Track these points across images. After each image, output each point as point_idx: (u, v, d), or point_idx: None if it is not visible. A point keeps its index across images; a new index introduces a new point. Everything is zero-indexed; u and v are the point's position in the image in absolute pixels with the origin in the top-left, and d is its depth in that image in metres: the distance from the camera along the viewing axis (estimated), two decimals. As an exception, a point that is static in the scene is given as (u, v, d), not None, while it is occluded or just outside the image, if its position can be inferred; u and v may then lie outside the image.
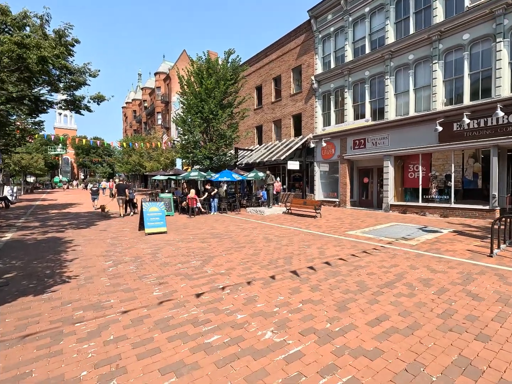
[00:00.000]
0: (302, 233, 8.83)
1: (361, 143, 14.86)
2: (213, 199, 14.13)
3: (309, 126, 17.83)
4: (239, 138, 18.49)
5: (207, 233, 8.73)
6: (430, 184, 12.51)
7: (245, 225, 10.39)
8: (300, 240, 7.76)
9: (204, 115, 16.69)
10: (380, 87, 14.22)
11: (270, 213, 13.52)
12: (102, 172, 61.00)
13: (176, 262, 5.57)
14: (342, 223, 10.58)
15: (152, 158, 27.34)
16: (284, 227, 9.91)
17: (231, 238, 8.01)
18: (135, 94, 56.70)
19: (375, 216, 12.48)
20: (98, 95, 10.41)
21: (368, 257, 5.97)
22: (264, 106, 21.71)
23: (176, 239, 7.83)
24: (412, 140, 12.75)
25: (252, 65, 22.77)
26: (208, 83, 16.31)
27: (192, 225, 10.52)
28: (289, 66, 19.28)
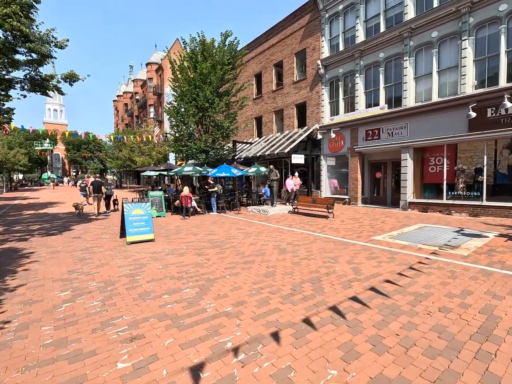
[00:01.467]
0: (318, 239, 7.30)
1: (375, 133, 13.33)
2: (213, 197, 12.52)
3: (315, 116, 16.23)
4: (238, 130, 16.85)
5: (204, 241, 7.14)
6: (456, 179, 11.05)
7: (248, 228, 8.83)
8: (320, 249, 6.22)
9: (199, 103, 14.97)
10: (397, 71, 12.65)
11: (274, 212, 11.97)
12: (93, 168, 58.75)
13: (162, 290, 3.98)
14: (361, 225, 9.07)
15: (144, 152, 25.52)
16: (295, 231, 8.37)
17: (234, 247, 6.43)
18: (126, 86, 54.40)
19: (394, 215, 11.01)
20: (70, 74, 8.62)
21: (420, 276, 4.46)
22: (264, 95, 20.02)
23: (165, 250, 6.23)
24: (435, 129, 11.25)
25: (251, 51, 21.00)
26: (203, 68, 14.57)
27: (186, 228, 8.92)
28: (292, 51, 17.59)
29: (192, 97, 15.15)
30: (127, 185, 36.85)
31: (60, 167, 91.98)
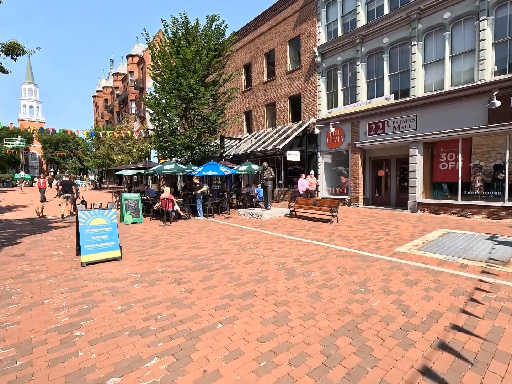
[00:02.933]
0: (330, 251, 5.86)
1: (379, 127, 12.07)
2: (199, 199, 10.90)
3: (311, 109, 14.85)
4: (226, 124, 15.27)
5: (187, 257, 5.56)
6: (472, 177, 9.92)
7: (241, 238, 7.30)
8: (338, 269, 4.77)
9: (182, 93, 13.29)
10: (404, 57, 11.42)
11: (269, 216, 10.49)
12: (71, 167, 55.47)
13: (108, 366, 2.38)
14: (374, 231, 7.73)
15: (123, 150, 23.45)
16: (298, 240, 6.91)
17: (226, 268, 4.89)
18: (106, 81, 51.55)
19: (405, 218, 9.76)
20: (11, 44, 6.78)
21: (498, 316, 3.07)
22: (254, 87, 18.49)
23: (132, 274, 4.61)
24: (448, 121, 10.08)
25: (239, 40, 19.41)
26: (186, 53, 12.89)
27: (165, 239, 7.28)
28: (285, 38, 16.14)
29: (175, 86, 13.44)
30: (107, 186, 34.44)
31: (37, 167, 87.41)
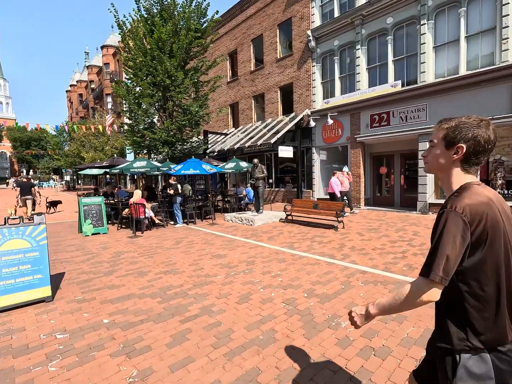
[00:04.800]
0: (351, 275, 4.33)
1: (383, 118, 10.72)
2: (175, 203, 9.16)
3: (304, 100, 13.37)
4: (210, 117, 13.55)
5: (153, 294, 3.87)
6: (493, 174, 8.73)
7: (230, 255, 5.66)
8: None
9: (157, 79, 11.45)
10: (411, 39, 10.11)
11: (262, 222, 8.91)
12: (43, 167, 51.66)
13: None
14: (392, 241, 6.30)
15: (96, 147, 21.17)
16: (303, 256, 5.36)
17: (210, 315, 3.23)
18: (81, 75, 48.23)
19: (418, 222, 8.44)
20: None
21: None
22: (241, 77, 16.82)
23: (56, 336, 2.86)
24: (464, 110, 8.80)
25: (223, 25, 17.68)
26: (161, 32, 11.08)
27: (129, 259, 5.53)
28: (274, 21, 14.56)
29: (149, 71, 11.59)
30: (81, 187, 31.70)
31: (8, 167, 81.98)
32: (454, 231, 0.99)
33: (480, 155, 1.08)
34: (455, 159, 1.11)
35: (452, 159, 1.12)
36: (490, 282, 1.03)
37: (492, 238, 1.01)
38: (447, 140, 1.12)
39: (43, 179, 55.45)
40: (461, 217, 0.99)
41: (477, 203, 1.02)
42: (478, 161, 1.10)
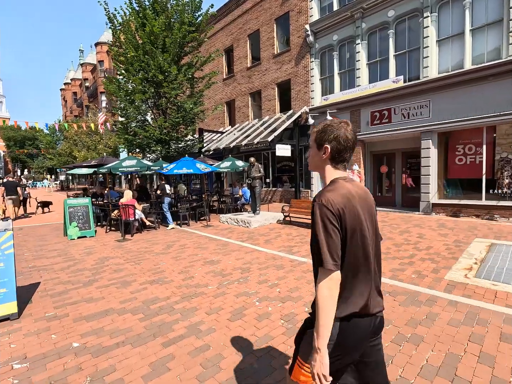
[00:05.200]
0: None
1: (384, 115, 10.34)
2: (164, 203, 8.73)
3: (302, 97, 12.96)
4: (205, 115, 13.09)
5: (135, 308, 3.44)
6: (499, 173, 8.37)
7: (224, 261, 5.24)
8: (390, 330, 2.84)
9: (149, 74, 10.98)
10: (413, 33, 9.74)
11: (259, 224, 8.49)
12: (37, 167, 50.85)
13: None
14: (397, 245, 5.92)
15: (88, 146, 20.61)
16: (303, 262, 4.95)
17: (197, 336, 2.81)
18: (75, 73, 47.46)
19: (422, 223, 8.07)
20: None
21: None
22: (237, 74, 16.37)
23: (13, 366, 2.44)
24: (469, 107, 8.48)
25: (219, 21, 17.22)
26: (153, 25, 10.61)
27: (114, 266, 5.09)
28: (271, 16, 14.13)
29: (141, 66, 11.11)
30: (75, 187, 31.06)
31: (2, 167, 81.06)
32: (324, 220, 1.12)
33: (342, 153, 1.24)
34: (325, 158, 1.27)
35: (323, 158, 1.28)
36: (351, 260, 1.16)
37: (352, 227, 1.15)
38: (317, 142, 1.29)
39: (37, 178, 54.63)
40: (327, 207, 1.13)
41: (338, 196, 1.16)
42: (342, 158, 1.26)
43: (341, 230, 1.14)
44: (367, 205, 1.25)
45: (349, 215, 1.15)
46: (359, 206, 1.19)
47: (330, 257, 1.09)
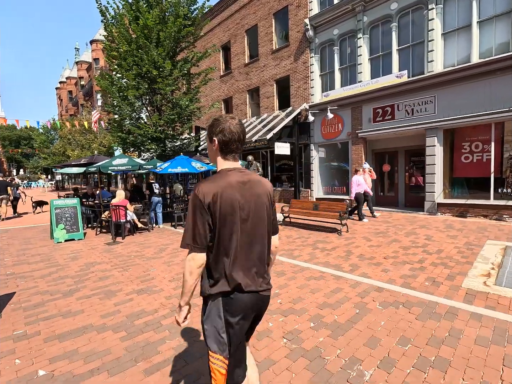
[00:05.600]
0: (365, 293, 3.56)
1: (387, 112, 9.98)
2: (154, 202, 8.37)
3: (302, 93, 12.57)
4: (201, 112, 12.66)
5: (117, 325, 3.03)
6: (508, 171, 8.03)
7: (220, 266, 4.84)
8: (409, 351, 2.45)
9: (143, 70, 10.55)
10: (417, 26, 9.37)
11: (257, 225, 8.07)
12: (32, 166, 50.15)
13: None
14: (404, 248, 5.55)
15: (83, 145, 20.12)
16: (305, 268, 4.56)
17: (186, 361, 2.39)
18: (70, 71, 46.82)
19: (428, 223, 7.71)
20: None
21: None
22: (234, 70, 15.96)
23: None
24: (476, 102, 8.13)
25: (216, 16, 16.79)
26: (147, 18, 10.19)
27: (100, 272, 4.68)
28: (270, 10, 13.73)
29: (134, 60, 10.68)
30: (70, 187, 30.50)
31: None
32: (194, 207, 1.28)
33: (229, 144, 1.37)
34: (215, 150, 1.42)
35: (213, 150, 1.43)
36: (226, 244, 1.31)
37: (225, 213, 1.28)
38: (208, 136, 1.44)
39: (33, 178, 53.90)
40: (198, 197, 1.27)
41: (212, 186, 1.29)
42: (230, 149, 1.39)
43: (213, 216, 1.27)
44: (253, 194, 1.36)
45: (223, 203, 1.26)
46: (239, 195, 1.31)
47: (192, 240, 1.27)
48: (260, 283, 1.39)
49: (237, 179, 1.34)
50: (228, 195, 1.28)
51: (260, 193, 1.38)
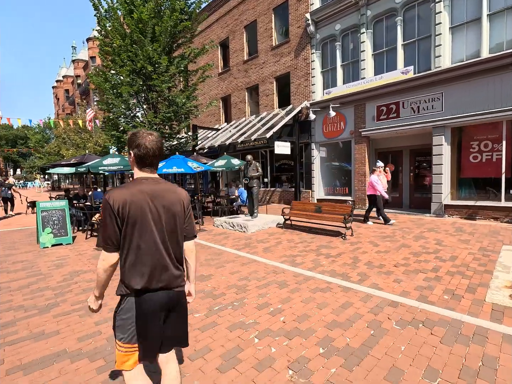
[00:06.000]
0: (379, 309, 3.16)
1: (392, 110, 9.59)
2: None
3: (303, 91, 12.17)
4: (198, 110, 12.23)
5: (96, 350, 2.60)
6: (520, 172, 7.65)
7: (216, 275, 4.43)
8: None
9: (137, 66, 10.13)
10: (424, 20, 8.99)
11: (256, 228, 7.69)
12: (28, 166, 49.57)
13: None
14: (415, 254, 5.15)
15: (78, 144, 19.65)
16: (310, 277, 4.16)
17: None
18: (67, 70, 46.27)
19: (436, 226, 7.33)
20: None
21: None
22: (233, 68, 15.54)
23: None
24: (486, 99, 7.75)
25: (214, 12, 16.38)
26: (141, 11, 9.77)
27: (83, 284, 4.26)
28: (269, 5, 13.32)
29: (128, 56, 10.25)
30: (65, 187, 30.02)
31: (-8, 166, 79.49)
32: (104, 212, 1.39)
33: (143, 159, 1.49)
34: (132, 161, 1.53)
35: (131, 161, 1.54)
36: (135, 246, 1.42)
37: (134, 218, 1.40)
38: (128, 148, 1.54)
39: (29, 178, 53.29)
40: (108, 202, 1.37)
41: (122, 193, 1.40)
42: (145, 163, 1.50)
43: (123, 220, 1.39)
44: (166, 201, 1.50)
45: (132, 208, 1.39)
46: (150, 202, 1.44)
47: (104, 241, 1.41)
48: (171, 281, 1.50)
49: (150, 187, 1.47)
50: (138, 201, 1.40)
51: (173, 201, 1.52)
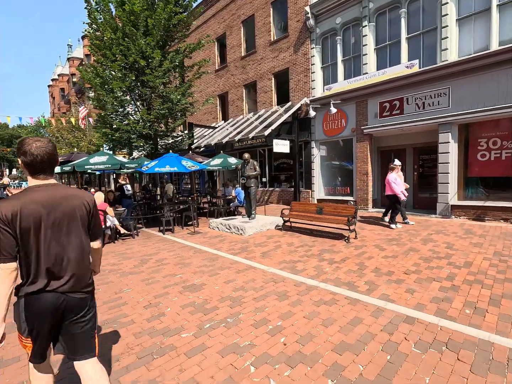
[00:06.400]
0: (394, 327, 2.74)
1: (395, 106, 9.18)
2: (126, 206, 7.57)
3: (302, 87, 11.75)
4: (194, 107, 11.79)
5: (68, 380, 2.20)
6: (532, 170, 7.27)
7: (209, 284, 4.01)
8: None
9: (129, 60, 9.68)
10: (429, 12, 8.58)
11: (254, 231, 7.27)
12: (24, 166, 48.81)
13: None
14: (426, 259, 4.75)
15: (72, 144, 19.15)
16: (312, 287, 3.75)
17: None
18: (62, 68, 45.61)
19: (443, 228, 6.93)
20: None
21: None
22: (230, 64, 15.10)
23: None
24: (495, 94, 7.36)
25: (210, 7, 15.93)
26: (134, 3, 9.33)
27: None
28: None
29: (120, 49, 9.80)
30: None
31: (-12, 166, 78.66)
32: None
33: (31, 166, 1.46)
34: (24, 169, 1.49)
35: (22, 168, 1.50)
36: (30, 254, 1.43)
37: (26, 227, 1.39)
38: (18, 156, 1.49)
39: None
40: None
41: (13, 204, 1.39)
42: (35, 169, 1.48)
43: (14, 230, 1.38)
44: (65, 207, 1.50)
45: (24, 218, 1.38)
46: (45, 209, 1.44)
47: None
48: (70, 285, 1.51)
49: (44, 194, 1.46)
50: (30, 210, 1.40)
51: (74, 205, 1.53)
